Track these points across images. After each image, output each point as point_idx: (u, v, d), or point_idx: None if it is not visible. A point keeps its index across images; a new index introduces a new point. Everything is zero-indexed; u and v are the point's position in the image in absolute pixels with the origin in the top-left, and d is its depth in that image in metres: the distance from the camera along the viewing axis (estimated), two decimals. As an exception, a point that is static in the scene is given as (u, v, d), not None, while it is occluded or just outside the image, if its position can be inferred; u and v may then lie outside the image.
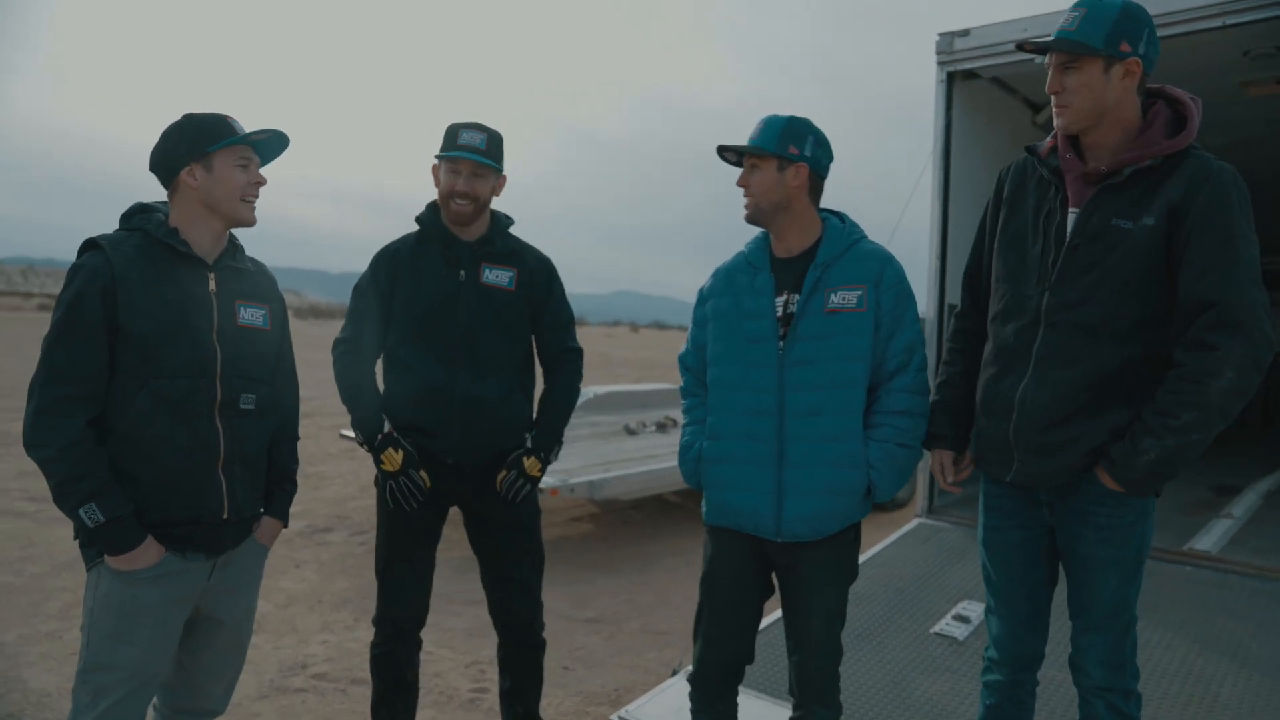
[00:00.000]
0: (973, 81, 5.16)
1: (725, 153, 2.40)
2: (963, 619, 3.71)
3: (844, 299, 2.32)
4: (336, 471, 8.87)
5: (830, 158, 2.42)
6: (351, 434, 2.94)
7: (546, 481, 5.66)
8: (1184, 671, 3.17)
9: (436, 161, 2.81)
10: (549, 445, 2.88)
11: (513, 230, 2.94)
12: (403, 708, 2.91)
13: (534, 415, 2.93)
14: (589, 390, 9.61)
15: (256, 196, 2.27)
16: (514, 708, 2.97)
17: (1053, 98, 2.13)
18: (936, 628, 3.67)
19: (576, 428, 8.15)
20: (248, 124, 2.23)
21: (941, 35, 4.98)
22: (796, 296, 2.36)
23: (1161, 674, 3.15)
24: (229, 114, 2.23)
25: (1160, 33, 4.11)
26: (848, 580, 2.44)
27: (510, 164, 2.84)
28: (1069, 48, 2.06)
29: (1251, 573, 3.92)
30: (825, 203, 2.48)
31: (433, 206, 2.89)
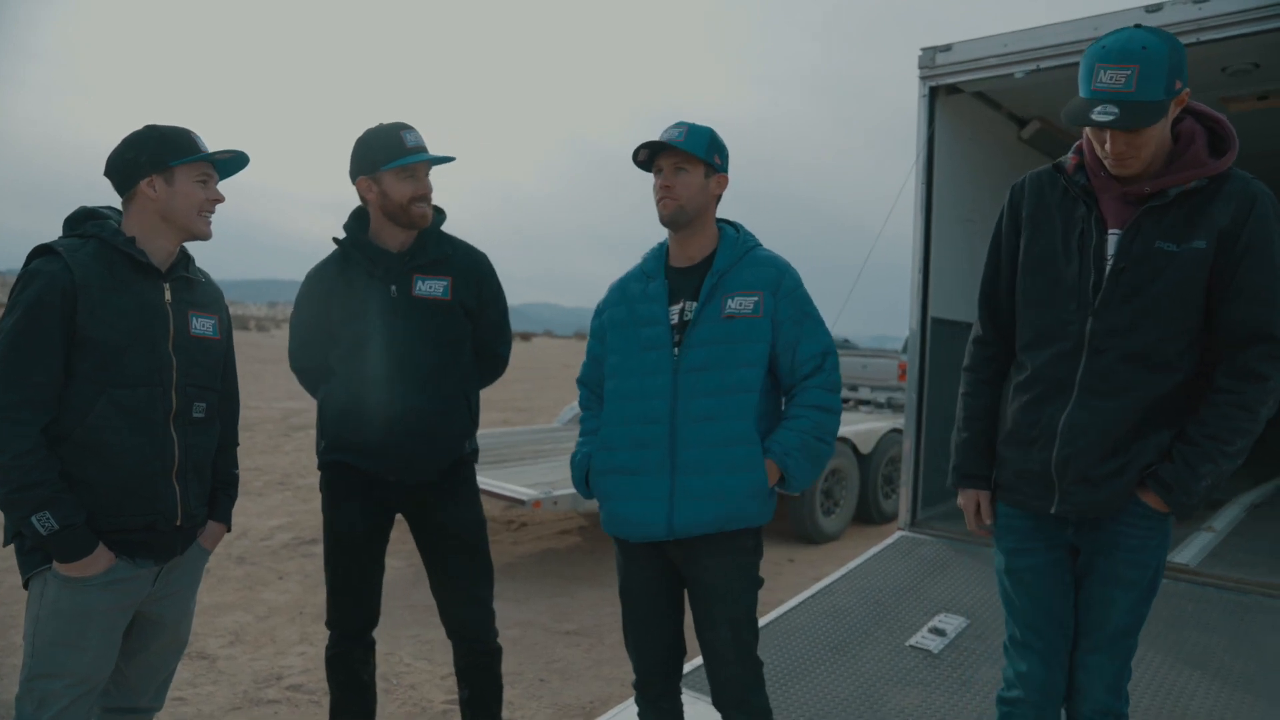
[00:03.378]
0: (956, 96, 5.18)
1: (650, 150, 2.35)
2: (939, 632, 3.70)
3: (740, 304, 2.33)
4: (327, 484, 8.85)
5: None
6: None
7: (529, 494, 5.66)
8: (1154, 685, 3.16)
9: (370, 176, 2.66)
10: None
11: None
12: (361, 711, 2.88)
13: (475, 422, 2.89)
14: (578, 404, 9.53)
15: (213, 211, 2.31)
16: (476, 718, 2.95)
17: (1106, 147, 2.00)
18: (912, 640, 3.66)
19: (566, 441, 8.11)
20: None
21: (924, 50, 5.01)
22: (693, 304, 2.37)
23: (1130, 688, 3.13)
24: (192, 129, 2.26)
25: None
26: (751, 587, 2.42)
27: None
28: (1142, 113, 1.90)
29: (1228, 586, 3.91)
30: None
31: (358, 219, 2.79)
